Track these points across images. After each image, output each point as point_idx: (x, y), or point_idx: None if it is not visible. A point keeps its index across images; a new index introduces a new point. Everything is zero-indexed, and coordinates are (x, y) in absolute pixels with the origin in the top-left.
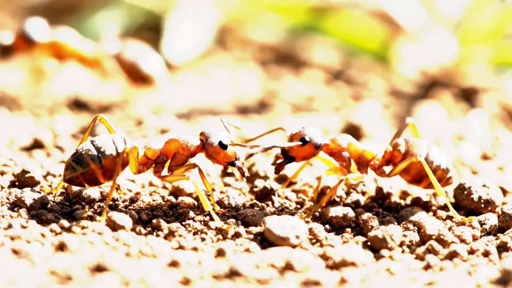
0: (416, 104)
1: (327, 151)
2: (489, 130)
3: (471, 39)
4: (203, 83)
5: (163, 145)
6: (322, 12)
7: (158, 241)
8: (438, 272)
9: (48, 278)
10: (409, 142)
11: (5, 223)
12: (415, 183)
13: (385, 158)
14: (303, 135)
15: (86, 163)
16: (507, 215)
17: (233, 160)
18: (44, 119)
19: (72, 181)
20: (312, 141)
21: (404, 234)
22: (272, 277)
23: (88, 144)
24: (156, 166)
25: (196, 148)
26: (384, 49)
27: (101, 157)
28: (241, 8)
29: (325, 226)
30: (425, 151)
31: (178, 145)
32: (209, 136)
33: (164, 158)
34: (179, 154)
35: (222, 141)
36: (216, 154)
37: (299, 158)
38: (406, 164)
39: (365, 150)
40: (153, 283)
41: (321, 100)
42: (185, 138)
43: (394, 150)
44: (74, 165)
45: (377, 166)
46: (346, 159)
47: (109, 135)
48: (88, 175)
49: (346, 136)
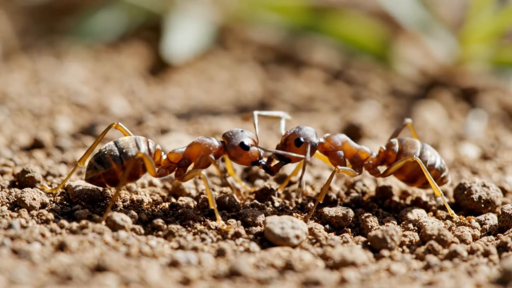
0: (416, 104)
1: (322, 150)
2: (489, 130)
3: (471, 39)
4: (203, 83)
5: (186, 148)
6: (322, 12)
7: (158, 241)
8: (438, 272)
9: (48, 278)
10: (402, 142)
11: (5, 223)
12: (410, 183)
13: (379, 158)
14: (298, 136)
15: (108, 163)
16: (507, 215)
17: (257, 160)
18: (44, 119)
19: (94, 180)
20: (307, 142)
21: (404, 234)
22: (272, 277)
23: (111, 145)
24: (179, 169)
25: (218, 150)
26: (384, 49)
27: (123, 158)
28: (241, 8)
29: (325, 226)
30: (418, 151)
31: (201, 148)
32: (231, 137)
33: (187, 161)
34: (203, 156)
35: (244, 142)
36: (239, 155)
37: (295, 159)
38: (401, 164)
39: (359, 149)
40: (153, 283)
41: (321, 100)
42: (207, 140)
43: (388, 150)
44: (96, 165)
45: (372, 166)
46: (341, 158)
47: (133, 136)
48: (110, 175)
49: (340, 135)
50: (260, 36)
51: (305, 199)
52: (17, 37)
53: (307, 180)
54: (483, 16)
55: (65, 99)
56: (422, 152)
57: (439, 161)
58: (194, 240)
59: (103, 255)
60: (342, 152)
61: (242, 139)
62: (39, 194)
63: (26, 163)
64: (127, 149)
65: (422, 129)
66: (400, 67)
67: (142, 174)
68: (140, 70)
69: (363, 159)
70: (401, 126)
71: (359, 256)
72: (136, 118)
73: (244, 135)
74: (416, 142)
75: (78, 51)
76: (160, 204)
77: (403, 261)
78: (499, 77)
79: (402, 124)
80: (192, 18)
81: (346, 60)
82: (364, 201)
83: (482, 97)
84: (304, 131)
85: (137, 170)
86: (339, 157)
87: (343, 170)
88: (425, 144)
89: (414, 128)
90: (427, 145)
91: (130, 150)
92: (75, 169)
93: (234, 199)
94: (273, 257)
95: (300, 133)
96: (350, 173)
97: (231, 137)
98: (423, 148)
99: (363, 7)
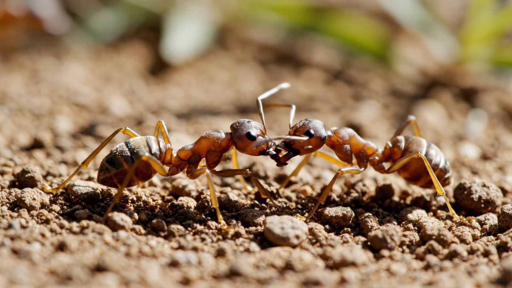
0: (416, 104)
1: (329, 143)
2: (489, 130)
3: (471, 39)
4: (203, 83)
5: (194, 144)
6: (322, 12)
7: (158, 241)
8: (438, 272)
9: (48, 278)
10: (408, 140)
11: (5, 223)
12: (413, 181)
13: (385, 154)
14: (308, 128)
15: (120, 164)
16: (507, 215)
17: (265, 150)
18: (44, 119)
19: (106, 181)
20: (316, 134)
21: (404, 234)
22: (272, 277)
23: (122, 146)
24: (190, 166)
25: (227, 142)
26: (384, 49)
27: (134, 158)
28: (241, 8)
29: (325, 226)
30: (424, 149)
31: (209, 142)
32: (237, 128)
33: (197, 157)
34: (212, 151)
35: (251, 132)
36: (246, 146)
37: (304, 151)
38: (406, 160)
39: (365, 144)
40: (153, 283)
41: (321, 100)
42: (214, 134)
43: (394, 147)
44: (108, 166)
45: (377, 162)
46: (347, 152)
47: (144, 137)
48: (122, 175)
49: (348, 129)
50: (260, 36)
51: (305, 199)
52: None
53: (307, 180)
54: (483, 16)
55: (65, 99)
56: (428, 151)
57: (443, 161)
58: (194, 240)
59: (103, 255)
60: (349, 146)
61: (249, 130)
62: (39, 194)
63: (26, 163)
64: (138, 150)
65: (422, 129)
66: (400, 67)
67: (155, 173)
68: (140, 70)
69: (369, 155)
70: (404, 123)
71: (359, 256)
72: (136, 118)
73: (250, 126)
74: (423, 140)
75: (78, 51)
76: (160, 204)
77: (403, 261)
78: (499, 77)
79: (406, 121)
80: (192, 18)
81: (346, 60)
82: (364, 201)
83: (482, 97)
84: (314, 123)
85: (149, 170)
86: (346, 151)
87: (346, 171)
88: (431, 143)
89: (408, 128)
90: (433, 144)
91: (141, 150)
92: (77, 171)
93: (234, 199)
94: (273, 257)
95: (310, 125)
96: (354, 172)
97: (237, 128)
98: (429, 147)
99: (363, 7)
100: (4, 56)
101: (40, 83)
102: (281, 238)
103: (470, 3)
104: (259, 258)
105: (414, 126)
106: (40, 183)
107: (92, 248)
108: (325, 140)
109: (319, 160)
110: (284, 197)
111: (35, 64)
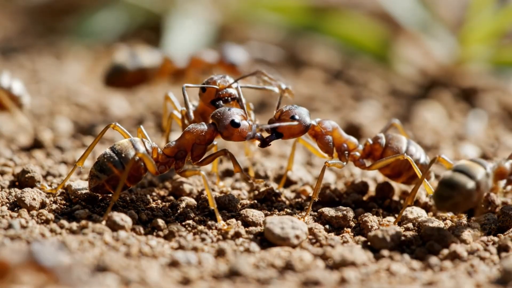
0: (416, 104)
1: (312, 132)
2: (489, 130)
3: (471, 39)
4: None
5: (178, 140)
6: (322, 12)
7: (158, 241)
8: (438, 272)
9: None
10: (389, 136)
11: (5, 223)
12: (394, 178)
13: (365, 151)
14: (294, 113)
15: (109, 170)
16: (507, 215)
17: (250, 134)
18: (44, 119)
19: (98, 189)
20: (301, 120)
21: (404, 234)
22: (272, 277)
23: (108, 151)
24: (177, 162)
25: (211, 134)
26: (384, 49)
27: (123, 162)
28: (241, 8)
29: (325, 226)
30: (405, 146)
31: (193, 136)
32: (220, 118)
33: (183, 152)
34: (197, 144)
35: (234, 119)
36: (231, 134)
37: (286, 135)
38: (391, 161)
39: (347, 139)
40: (153, 283)
41: (321, 100)
42: (197, 127)
43: (375, 143)
44: (98, 173)
45: (357, 158)
46: (329, 143)
47: (128, 139)
48: (113, 181)
49: (332, 122)
50: (260, 36)
51: (305, 199)
52: (17, 37)
53: (307, 180)
54: (483, 16)
55: (65, 99)
56: (408, 147)
57: (423, 157)
58: (194, 240)
59: (103, 255)
60: (331, 138)
61: (232, 117)
62: (39, 194)
63: (26, 163)
64: (126, 153)
65: (422, 129)
66: (400, 67)
67: (144, 174)
68: None
69: (350, 149)
70: (388, 125)
71: (359, 256)
72: (136, 118)
73: (232, 113)
74: (402, 137)
75: (78, 51)
76: (160, 204)
77: (403, 261)
78: (499, 77)
79: (389, 123)
80: (192, 18)
81: (346, 60)
82: (364, 201)
83: (482, 97)
84: (299, 109)
85: (138, 171)
86: (328, 142)
87: (333, 164)
88: (410, 140)
89: (408, 128)
90: (412, 141)
91: (129, 153)
92: (74, 169)
93: (234, 199)
94: (273, 257)
95: (296, 111)
96: (339, 165)
97: (220, 117)
98: (408, 143)
99: (363, 7)
100: (4, 56)
101: (40, 83)
102: (281, 238)
103: (470, 3)
104: (259, 258)
105: (399, 128)
106: (40, 183)
107: (92, 248)
108: (309, 127)
109: (319, 160)
110: (284, 197)
111: (35, 64)
